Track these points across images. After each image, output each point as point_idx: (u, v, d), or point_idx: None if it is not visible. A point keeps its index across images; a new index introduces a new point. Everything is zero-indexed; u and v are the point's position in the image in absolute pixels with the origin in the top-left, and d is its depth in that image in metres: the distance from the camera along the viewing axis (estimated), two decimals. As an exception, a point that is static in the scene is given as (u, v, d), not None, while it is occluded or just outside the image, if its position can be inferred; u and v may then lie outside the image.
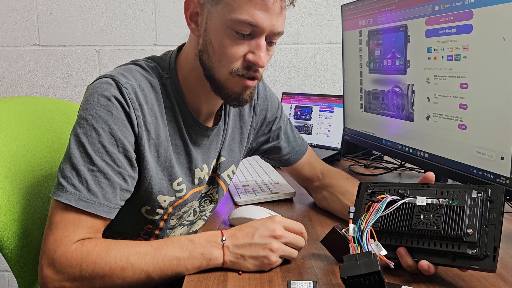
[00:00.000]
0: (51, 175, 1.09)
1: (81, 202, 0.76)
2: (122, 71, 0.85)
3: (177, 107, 0.91)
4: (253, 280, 0.75)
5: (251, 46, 0.82)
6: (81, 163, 0.78)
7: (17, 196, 0.96)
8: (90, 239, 0.77)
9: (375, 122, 1.34)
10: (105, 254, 0.74)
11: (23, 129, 1.07)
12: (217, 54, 0.83)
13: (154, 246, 0.77)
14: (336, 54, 2.00)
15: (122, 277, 0.74)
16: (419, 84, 1.11)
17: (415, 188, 0.77)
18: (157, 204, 0.91)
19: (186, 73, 0.91)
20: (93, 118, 0.79)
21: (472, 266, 0.69)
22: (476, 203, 0.71)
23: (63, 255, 0.74)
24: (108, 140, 0.79)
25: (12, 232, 0.91)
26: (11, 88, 1.95)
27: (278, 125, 1.13)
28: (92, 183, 0.77)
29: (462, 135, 0.98)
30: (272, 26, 0.81)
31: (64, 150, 1.15)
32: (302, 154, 1.17)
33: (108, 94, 0.80)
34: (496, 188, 0.72)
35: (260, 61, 0.82)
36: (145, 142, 0.84)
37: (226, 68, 0.83)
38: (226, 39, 0.82)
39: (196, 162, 0.96)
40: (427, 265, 0.71)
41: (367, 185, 0.82)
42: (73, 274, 0.73)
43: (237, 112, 1.05)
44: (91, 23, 1.94)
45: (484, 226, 0.70)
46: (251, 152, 1.16)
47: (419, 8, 1.08)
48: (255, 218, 0.98)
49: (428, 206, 0.74)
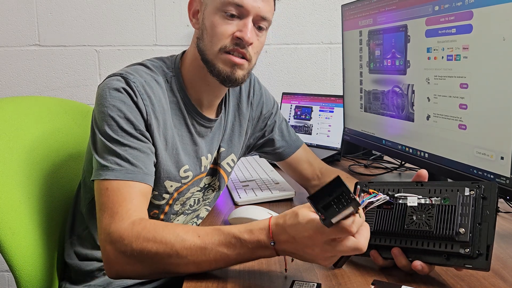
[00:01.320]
0: (52, 175, 1.09)
1: (128, 175, 0.84)
2: (129, 70, 0.93)
3: (182, 101, 0.98)
4: (255, 280, 0.75)
5: (239, 26, 0.91)
6: (113, 146, 0.86)
7: (18, 196, 0.96)
8: (140, 220, 0.79)
9: (375, 122, 1.34)
10: (152, 239, 0.75)
11: (27, 128, 1.07)
12: (209, 35, 0.93)
13: (202, 237, 0.75)
14: (336, 54, 2.00)
15: (170, 263, 0.75)
16: (419, 84, 1.11)
17: (409, 187, 0.77)
18: (164, 189, 0.97)
19: (188, 67, 0.99)
20: (108, 109, 0.88)
21: (466, 265, 0.69)
22: (469, 201, 0.71)
23: (116, 231, 0.78)
24: (126, 124, 0.87)
25: (12, 232, 0.91)
26: (11, 88, 1.95)
27: (273, 120, 1.19)
28: (131, 158, 0.86)
29: (462, 135, 0.98)
30: (258, 8, 0.91)
31: (68, 149, 1.16)
32: (296, 148, 1.22)
33: (118, 87, 0.89)
34: (489, 184, 0.71)
35: (246, 37, 0.90)
36: (155, 129, 0.91)
37: (216, 45, 0.92)
38: (216, 19, 0.91)
39: (202, 151, 1.03)
40: (420, 265, 0.72)
41: (363, 184, 0.83)
42: (126, 251, 0.76)
43: (236, 106, 1.11)
44: (91, 23, 1.94)
45: (477, 224, 0.70)
46: (250, 148, 1.21)
47: (419, 8, 1.08)
48: (255, 218, 0.98)
49: (420, 206, 0.74)
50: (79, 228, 1.04)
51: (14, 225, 0.92)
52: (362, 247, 0.66)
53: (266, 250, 0.72)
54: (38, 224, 0.99)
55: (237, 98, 1.12)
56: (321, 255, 0.69)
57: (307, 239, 0.68)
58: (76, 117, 1.26)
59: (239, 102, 1.12)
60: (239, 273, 0.77)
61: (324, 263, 0.71)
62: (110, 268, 0.79)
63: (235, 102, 1.11)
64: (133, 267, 0.77)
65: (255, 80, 1.16)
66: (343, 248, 0.67)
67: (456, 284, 0.73)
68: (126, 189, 0.83)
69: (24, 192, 0.98)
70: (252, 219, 0.98)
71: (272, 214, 0.99)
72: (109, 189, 0.83)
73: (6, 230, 0.89)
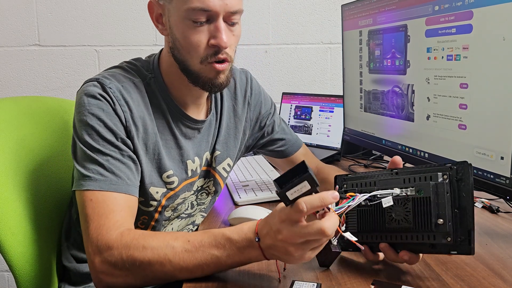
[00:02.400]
0: (53, 175, 1.09)
1: (112, 186, 0.82)
2: (105, 74, 0.91)
3: (164, 103, 0.95)
4: (254, 281, 0.75)
5: (211, 31, 0.86)
6: (94, 155, 0.84)
7: (18, 195, 0.96)
8: (128, 231, 0.78)
9: (375, 122, 1.34)
10: (142, 248, 0.74)
11: (27, 128, 1.07)
12: (184, 47, 0.88)
13: (191, 241, 0.74)
14: (336, 54, 2.00)
15: (163, 272, 0.74)
16: (419, 84, 1.11)
17: (384, 179, 0.77)
18: (150, 196, 0.94)
19: (167, 70, 0.95)
20: (87, 117, 0.85)
21: (451, 252, 0.70)
22: (443, 189, 0.70)
23: (105, 242, 0.76)
24: (106, 133, 0.85)
25: (12, 232, 0.91)
26: (11, 88, 1.95)
27: (272, 119, 1.18)
28: (114, 169, 0.84)
29: (462, 135, 0.98)
30: (225, 6, 0.85)
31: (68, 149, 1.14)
32: (298, 147, 1.22)
33: (95, 94, 0.86)
34: (462, 164, 0.70)
35: (222, 42, 0.85)
36: (134, 136, 0.89)
37: (195, 58, 0.88)
38: (186, 31, 0.86)
39: (188, 154, 0.99)
40: (407, 255, 0.73)
41: (342, 177, 0.83)
42: (116, 262, 0.75)
43: (231, 107, 1.09)
44: (91, 23, 1.94)
45: (455, 210, 0.70)
46: (250, 149, 1.19)
47: (419, 8, 1.08)
48: (255, 218, 0.98)
49: (397, 201, 0.73)
50: (75, 232, 1.04)
51: (14, 225, 0.92)
52: (327, 229, 0.64)
53: (253, 249, 0.72)
54: (37, 225, 0.99)
55: (232, 99, 1.09)
56: (290, 240, 0.67)
57: (277, 223, 0.68)
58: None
59: (234, 103, 1.09)
60: (239, 274, 0.77)
61: (297, 254, 0.67)
62: (100, 281, 0.77)
63: (230, 104, 1.08)
64: (125, 279, 0.75)
65: (251, 79, 1.14)
66: (308, 230, 0.65)
67: (456, 284, 0.73)
68: (111, 201, 0.81)
69: (24, 193, 0.98)
70: (252, 219, 0.98)
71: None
72: (93, 200, 0.80)
73: (5, 230, 0.89)
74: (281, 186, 0.66)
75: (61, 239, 1.07)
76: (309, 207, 0.65)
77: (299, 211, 0.65)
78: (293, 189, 0.65)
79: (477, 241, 0.89)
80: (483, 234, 0.95)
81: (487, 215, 1.07)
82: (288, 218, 0.67)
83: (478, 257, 0.83)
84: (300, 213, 0.65)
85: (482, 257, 0.83)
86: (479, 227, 0.98)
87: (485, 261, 0.82)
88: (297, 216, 0.66)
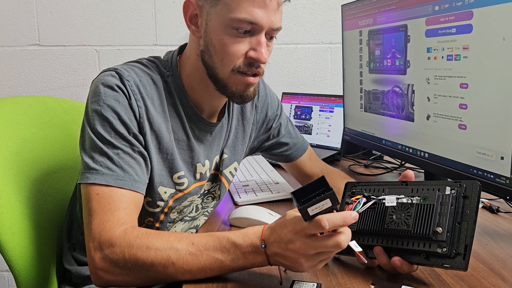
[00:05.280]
0: (52, 175, 1.09)
1: (119, 181, 0.81)
2: (125, 66, 0.90)
3: (180, 103, 0.93)
4: (255, 281, 0.75)
5: (252, 43, 0.85)
6: (104, 147, 0.82)
7: (18, 195, 0.96)
8: (132, 229, 0.77)
9: (375, 122, 1.34)
10: (145, 248, 0.74)
11: (27, 127, 1.07)
12: (219, 53, 0.86)
13: (195, 244, 0.74)
14: (336, 54, 2.00)
15: (165, 273, 0.74)
16: (419, 84, 1.11)
17: (394, 187, 0.78)
18: (158, 196, 0.92)
19: (188, 73, 0.93)
20: (102, 108, 0.84)
21: (444, 264, 0.69)
22: (448, 200, 0.71)
23: (108, 239, 0.75)
24: (120, 126, 0.84)
25: (12, 232, 0.91)
26: (11, 88, 1.95)
27: (278, 122, 1.16)
28: (122, 163, 0.82)
29: (462, 135, 0.98)
30: (271, 22, 0.85)
31: (68, 148, 1.13)
32: (304, 150, 1.20)
33: (112, 85, 0.85)
34: (471, 183, 0.71)
35: (262, 57, 0.85)
36: (147, 132, 0.87)
37: (228, 66, 0.86)
38: (227, 38, 0.85)
39: (198, 157, 0.97)
40: (399, 260, 0.72)
41: (352, 184, 0.83)
42: (117, 260, 0.74)
43: (239, 110, 1.07)
44: (91, 23, 1.94)
45: (456, 224, 0.70)
46: (253, 151, 1.18)
47: (419, 8, 1.08)
48: (255, 218, 0.98)
49: (400, 205, 0.74)
50: (77, 232, 1.03)
51: (14, 225, 0.92)
52: (342, 243, 0.66)
53: (258, 255, 0.72)
54: (37, 225, 0.99)
55: None
56: (303, 252, 0.67)
57: (290, 233, 0.68)
58: (76, 117, 1.26)
59: (243, 106, 1.07)
60: (239, 274, 0.77)
61: (307, 264, 0.69)
62: (99, 278, 0.76)
63: (239, 107, 1.07)
64: (125, 277, 0.75)
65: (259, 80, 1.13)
66: (324, 243, 0.66)
67: (456, 284, 0.73)
68: (117, 197, 0.80)
69: (23, 193, 0.98)
70: (252, 219, 0.98)
71: (272, 214, 0.99)
72: (100, 195, 0.79)
73: (5, 230, 0.89)
74: (302, 201, 0.67)
75: (62, 239, 1.06)
76: (331, 225, 0.65)
77: (319, 227, 0.65)
78: (315, 205, 0.65)
79: (477, 241, 0.89)
80: (483, 234, 0.95)
81: (487, 215, 1.07)
82: (303, 231, 0.67)
83: (478, 257, 0.83)
84: (320, 229, 0.66)
85: (482, 257, 0.83)
86: (479, 227, 0.98)
87: (485, 261, 0.82)
88: (315, 231, 0.67)
